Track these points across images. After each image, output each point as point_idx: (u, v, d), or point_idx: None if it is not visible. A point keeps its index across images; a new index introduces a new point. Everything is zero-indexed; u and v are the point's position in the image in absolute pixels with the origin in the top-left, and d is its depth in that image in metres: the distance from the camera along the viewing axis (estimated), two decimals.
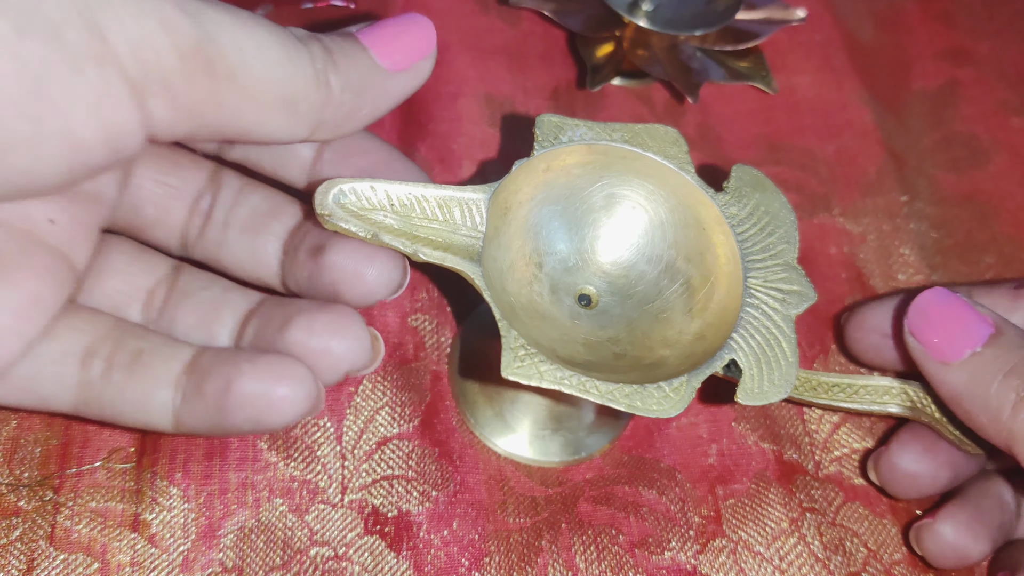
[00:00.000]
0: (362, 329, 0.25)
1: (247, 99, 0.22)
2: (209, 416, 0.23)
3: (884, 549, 0.30)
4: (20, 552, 0.27)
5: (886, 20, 0.44)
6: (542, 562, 0.28)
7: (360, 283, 0.25)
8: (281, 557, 0.28)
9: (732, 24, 0.39)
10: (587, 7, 0.40)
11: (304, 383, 0.23)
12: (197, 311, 0.26)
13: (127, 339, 0.24)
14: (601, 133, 0.28)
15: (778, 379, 0.25)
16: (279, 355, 0.24)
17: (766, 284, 0.26)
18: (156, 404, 0.24)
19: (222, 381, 0.23)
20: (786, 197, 0.28)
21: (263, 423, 0.23)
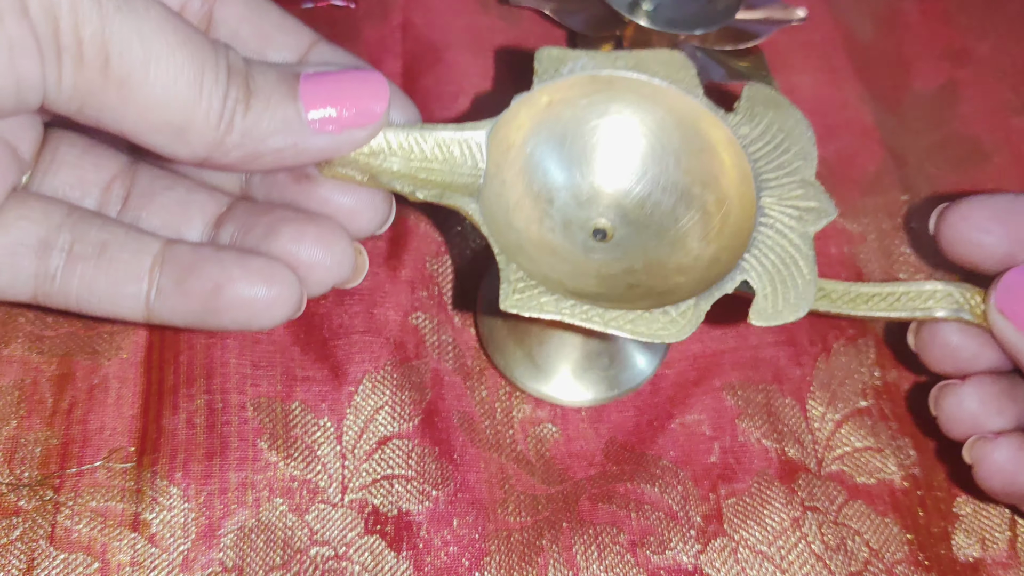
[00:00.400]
0: (349, 243, 0.25)
1: (132, 109, 0.21)
2: (193, 313, 0.24)
3: (886, 548, 0.30)
4: (20, 552, 0.26)
5: (886, 20, 0.44)
6: (543, 561, 0.28)
7: (349, 219, 0.25)
8: (281, 557, 0.27)
9: (732, 24, 0.39)
10: (587, 6, 0.40)
11: (293, 287, 0.24)
12: (163, 211, 0.26)
13: (87, 230, 0.24)
14: (604, 62, 0.27)
15: (794, 298, 0.24)
16: (266, 258, 0.24)
17: (781, 202, 0.26)
18: (126, 296, 0.24)
19: (210, 282, 0.23)
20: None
21: (251, 325, 0.24)
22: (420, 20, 0.40)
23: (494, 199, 0.26)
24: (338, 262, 0.25)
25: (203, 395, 0.30)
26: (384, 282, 0.33)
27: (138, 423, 0.29)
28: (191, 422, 0.29)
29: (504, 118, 0.26)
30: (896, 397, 0.33)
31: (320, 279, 0.25)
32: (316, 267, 0.25)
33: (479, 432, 0.31)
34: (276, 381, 0.30)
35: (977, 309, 0.28)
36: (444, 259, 0.34)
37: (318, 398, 0.30)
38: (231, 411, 0.30)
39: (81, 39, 0.20)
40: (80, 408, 0.29)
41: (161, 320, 0.24)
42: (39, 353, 0.30)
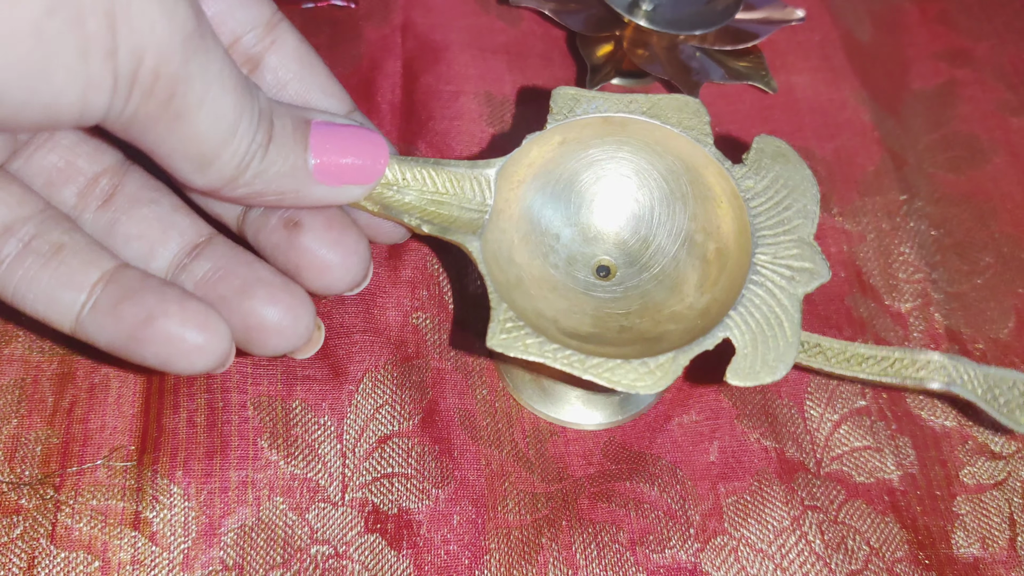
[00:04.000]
0: (312, 318, 0.26)
1: (174, 138, 0.22)
2: (118, 337, 0.24)
3: (886, 547, 0.30)
4: (21, 550, 0.26)
5: (884, 20, 0.44)
6: (543, 560, 0.28)
7: (325, 274, 0.26)
8: (281, 555, 0.27)
9: (731, 24, 0.39)
10: (587, 7, 0.40)
11: (223, 340, 0.24)
12: (143, 223, 0.26)
13: (52, 229, 0.24)
14: (618, 105, 0.27)
15: (773, 360, 0.24)
16: (205, 305, 0.24)
17: (775, 260, 0.26)
18: (62, 303, 0.24)
19: (144, 312, 0.23)
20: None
21: (169, 365, 0.24)
22: (420, 20, 0.40)
23: (498, 235, 0.26)
24: (299, 334, 0.25)
25: (204, 394, 0.30)
26: (384, 282, 0.33)
27: (139, 422, 0.29)
28: (192, 421, 0.29)
29: (514, 156, 0.26)
30: (895, 396, 0.33)
31: (276, 345, 0.25)
32: (277, 333, 0.25)
33: (479, 430, 0.31)
34: (276, 380, 0.30)
35: (969, 385, 0.27)
36: (445, 258, 0.34)
37: (319, 397, 0.30)
38: (232, 410, 0.30)
39: (158, 77, 0.20)
40: (81, 407, 0.29)
41: (84, 336, 0.24)
42: (40, 352, 0.30)
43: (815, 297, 0.35)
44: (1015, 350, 0.35)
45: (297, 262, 0.25)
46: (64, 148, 0.26)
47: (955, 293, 0.36)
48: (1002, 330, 0.35)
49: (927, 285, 0.36)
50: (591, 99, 0.27)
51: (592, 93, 0.28)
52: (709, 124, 0.27)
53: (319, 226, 0.25)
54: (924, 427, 0.33)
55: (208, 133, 0.22)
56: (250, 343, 0.25)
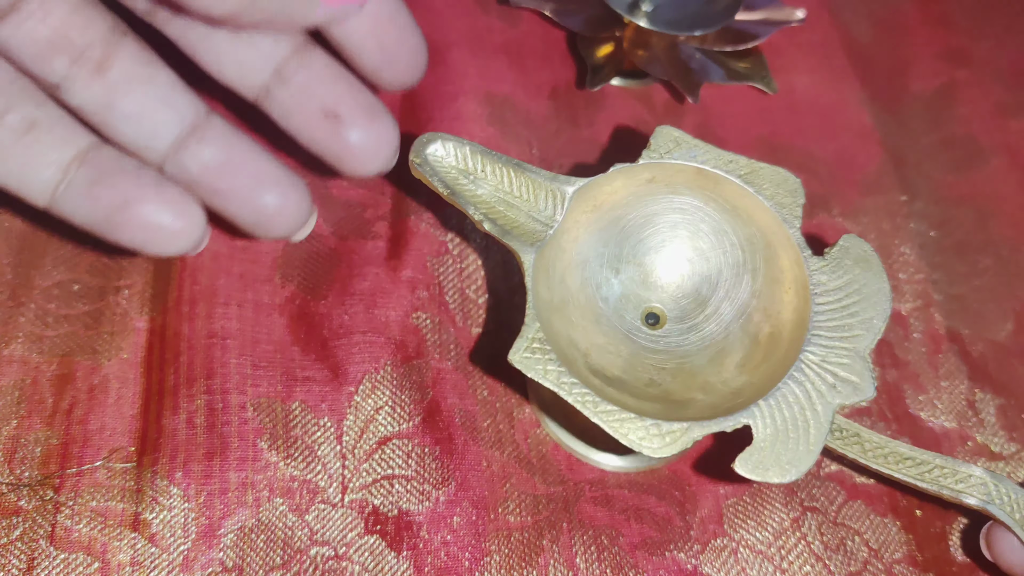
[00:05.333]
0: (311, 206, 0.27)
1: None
2: (94, 219, 0.24)
3: (885, 548, 0.30)
4: (20, 551, 0.26)
5: (884, 21, 0.44)
6: (543, 562, 0.28)
7: (367, 162, 0.27)
8: (281, 557, 0.27)
9: (731, 25, 0.39)
10: (587, 7, 0.40)
11: (198, 224, 0.25)
12: (141, 102, 0.26)
13: (25, 103, 0.24)
14: (718, 160, 0.27)
15: (787, 462, 0.23)
16: (180, 190, 0.25)
17: (823, 363, 0.25)
18: (37, 180, 0.24)
19: (120, 196, 0.24)
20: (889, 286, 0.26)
21: (145, 248, 0.25)
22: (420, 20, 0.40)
23: (557, 252, 0.26)
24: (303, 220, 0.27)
25: (203, 395, 0.30)
26: (384, 282, 0.33)
27: (138, 423, 0.29)
28: (191, 422, 0.29)
29: (597, 180, 0.26)
30: (894, 397, 0.33)
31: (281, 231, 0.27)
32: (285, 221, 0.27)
33: (480, 431, 0.31)
34: (276, 381, 0.30)
35: (1007, 507, 0.26)
36: (445, 259, 0.34)
37: (318, 398, 0.30)
38: (231, 411, 0.29)
39: None
40: (80, 408, 0.29)
41: (59, 213, 0.24)
42: (39, 353, 0.30)
43: None
44: (1014, 352, 0.35)
45: (338, 152, 0.27)
46: (57, 19, 0.25)
47: (955, 294, 0.36)
48: (1001, 332, 0.35)
49: (927, 286, 0.36)
50: (693, 146, 0.27)
51: (696, 141, 0.27)
52: (802, 208, 0.27)
53: (360, 117, 0.26)
54: (924, 427, 0.33)
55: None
56: (257, 229, 0.27)
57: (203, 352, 0.30)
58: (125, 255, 0.32)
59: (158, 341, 0.31)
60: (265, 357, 0.31)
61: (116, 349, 0.30)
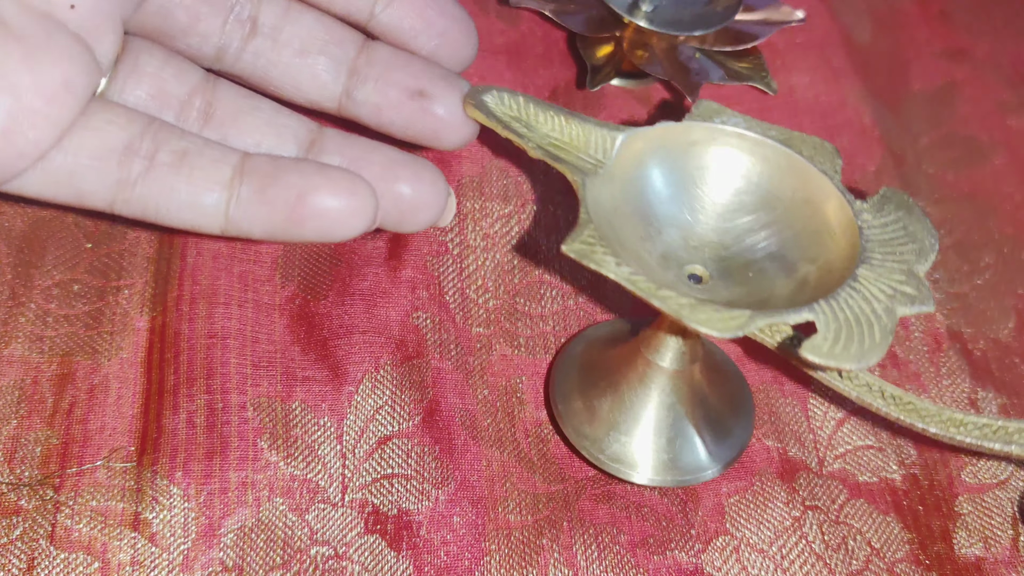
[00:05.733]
0: (447, 187, 0.28)
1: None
2: (274, 223, 0.25)
3: (887, 547, 0.30)
4: (20, 551, 0.26)
5: (884, 20, 0.44)
6: (543, 561, 0.28)
7: (460, 132, 0.28)
8: (281, 556, 0.27)
9: (731, 25, 0.39)
10: (587, 7, 0.40)
11: (370, 200, 0.25)
12: (253, 132, 0.27)
13: (168, 138, 0.25)
14: (757, 128, 0.28)
15: (855, 351, 0.22)
16: (345, 170, 0.25)
17: (879, 279, 0.25)
18: (206, 205, 0.24)
19: (292, 191, 0.24)
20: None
21: (330, 235, 0.25)
22: None
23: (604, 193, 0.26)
24: (442, 204, 0.28)
25: (203, 395, 0.30)
26: (384, 282, 0.33)
27: (138, 423, 0.29)
28: (191, 422, 0.29)
29: (645, 131, 0.27)
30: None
31: (425, 219, 0.27)
32: (426, 208, 0.27)
33: (480, 430, 0.31)
34: (276, 381, 0.30)
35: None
36: (445, 259, 0.34)
37: (318, 398, 0.30)
38: (231, 411, 0.29)
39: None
40: (80, 408, 0.29)
41: (239, 231, 0.25)
42: (39, 353, 0.30)
43: None
44: (1015, 350, 0.34)
45: (434, 127, 0.28)
46: (150, 76, 0.26)
47: (956, 293, 0.36)
48: (1002, 330, 0.35)
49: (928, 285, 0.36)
50: (731, 116, 0.28)
51: (732, 112, 0.28)
52: (840, 168, 0.27)
53: (444, 91, 0.27)
54: None
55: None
56: (402, 222, 0.27)
57: (203, 352, 0.30)
58: (125, 255, 0.32)
59: (158, 341, 0.31)
60: (265, 357, 0.31)
61: (116, 349, 0.30)
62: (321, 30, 0.28)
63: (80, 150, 0.24)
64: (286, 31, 0.28)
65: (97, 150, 0.24)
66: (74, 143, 0.24)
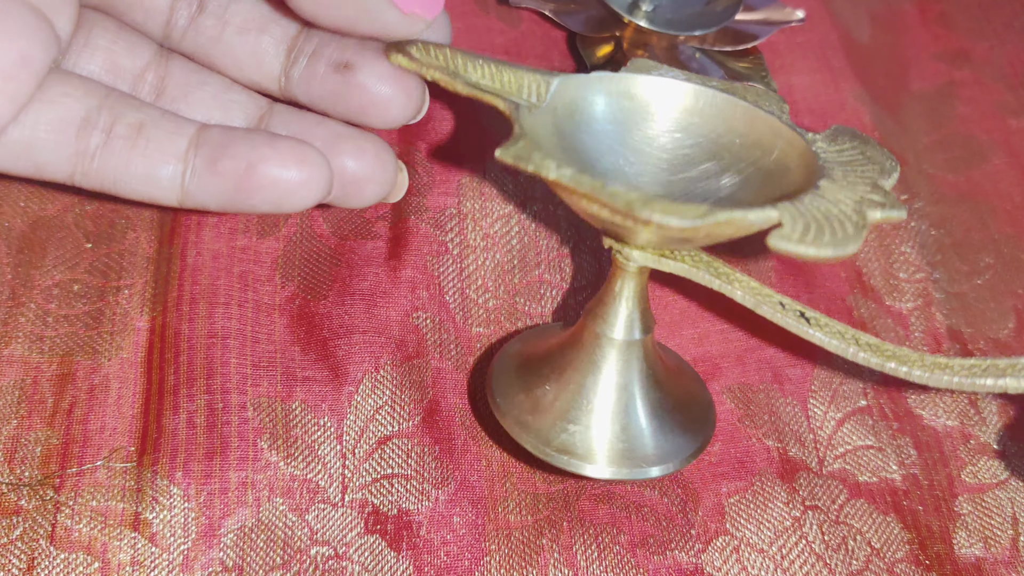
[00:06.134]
0: (395, 161, 0.27)
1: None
2: (225, 194, 0.24)
3: (887, 547, 0.30)
4: (20, 551, 0.26)
5: (884, 21, 0.44)
6: (543, 561, 0.28)
7: (389, 107, 0.26)
8: (281, 556, 0.27)
9: (731, 25, 0.39)
10: (587, 7, 0.40)
11: (323, 169, 0.25)
12: (201, 106, 0.27)
13: (125, 111, 0.24)
14: (694, 79, 0.27)
15: (829, 240, 0.21)
16: (295, 140, 0.25)
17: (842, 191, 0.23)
18: (162, 178, 0.24)
19: (242, 162, 0.24)
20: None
21: (281, 206, 0.25)
22: None
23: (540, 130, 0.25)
24: (389, 179, 0.27)
25: (203, 395, 0.30)
26: (384, 282, 0.33)
27: (138, 423, 0.29)
28: (191, 422, 0.29)
29: (580, 77, 0.26)
30: (896, 396, 0.33)
31: (371, 193, 0.27)
32: (371, 181, 0.26)
33: (480, 430, 0.31)
34: (276, 381, 0.30)
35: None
36: (445, 259, 0.34)
37: (318, 398, 0.30)
38: (231, 411, 0.29)
39: None
40: (80, 408, 0.29)
41: (195, 203, 0.25)
42: (39, 353, 0.30)
43: (815, 298, 0.35)
44: (1016, 350, 0.35)
45: (359, 101, 0.26)
46: (103, 50, 0.26)
47: (956, 293, 0.36)
48: (1002, 330, 0.35)
49: (928, 285, 0.36)
50: (668, 69, 0.27)
51: (669, 67, 0.27)
52: (787, 111, 0.27)
53: (370, 62, 0.26)
54: (925, 427, 0.33)
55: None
56: (346, 197, 0.26)
57: (203, 352, 0.30)
58: (125, 255, 0.32)
59: (158, 341, 0.31)
60: (265, 357, 0.31)
61: (116, 349, 0.30)
62: (265, 7, 0.27)
63: (37, 123, 0.24)
64: (230, 8, 0.27)
65: (54, 123, 0.24)
66: (31, 116, 0.24)
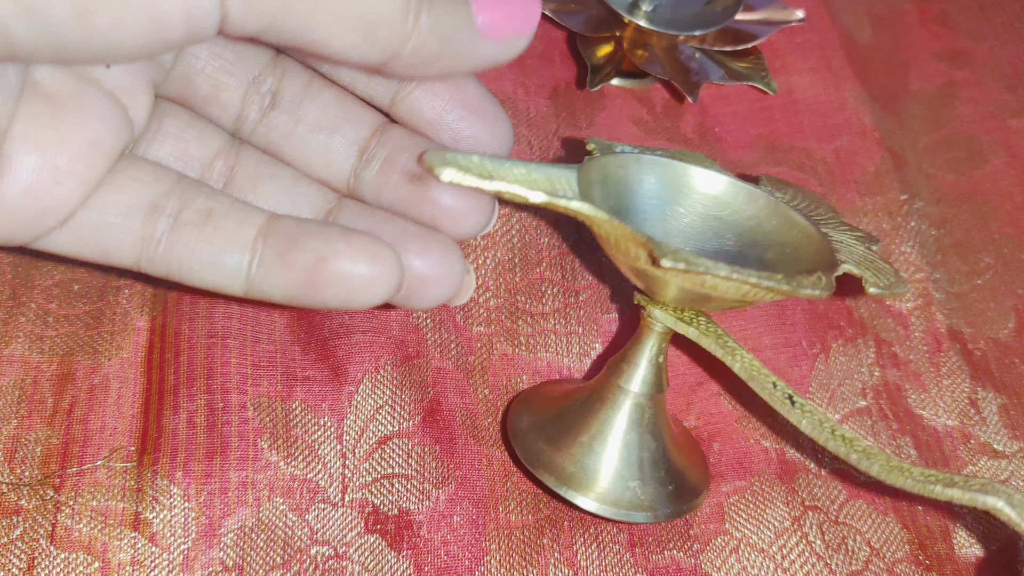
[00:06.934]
0: (463, 263, 0.26)
1: (322, 8, 0.21)
2: (293, 287, 0.24)
3: (887, 547, 0.30)
4: (21, 551, 0.26)
5: (884, 21, 0.44)
6: (543, 560, 0.28)
7: (459, 221, 0.26)
8: (281, 556, 0.27)
9: (731, 25, 0.39)
10: (587, 7, 0.40)
11: (394, 267, 0.24)
12: (270, 198, 0.26)
13: (195, 197, 0.24)
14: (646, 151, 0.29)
15: (893, 280, 0.26)
16: (369, 236, 0.24)
17: (838, 231, 0.28)
18: (228, 266, 0.24)
19: (312, 256, 0.23)
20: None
21: (350, 302, 0.24)
22: None
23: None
24: (456, 281, 0.26)
25: (204, 395, 0.30)
26: None
27: (139, 423, 0.29)
28: (192, 422, 0.29)
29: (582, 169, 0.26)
30: (896, 396, 0.33)
31: (436, 295, 0.26)
32: (436, 282, 0.25)
33: (481, 430, 0.31)
34: (277, 381, 0.30)
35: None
36: None
37: (319, 398, 0.30)
38: (232, 411, 0.29)
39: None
40: (81, 408, 0.29)
41: (260, 294, 0.24)
42: (39, 353, 0.30)
43: None
44: (1016, 350, 0.35)
45: (430, 213, 0.26)
46: (174, 137, 0.26)
47: (956, 293, 0.36)
48: (1002, 330, 0.35)
49: (928, 284, 0.36)
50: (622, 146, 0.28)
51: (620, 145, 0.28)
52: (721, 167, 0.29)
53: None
54: (926, 427, 0.33)
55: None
56: (410, 297, 0.25)
57: (203, 352, 0.30)
58: None
59: (158, 341, 0.31)
60: (265, 357, 0.31)
61: (116, 349, 0.30)
62: (339, 108, 0.27)
63: (105, 207, 0.24)
64: (303, 106, 0.27)
65: (123, 207, 0.24)
66: (100, 200, 0.24)
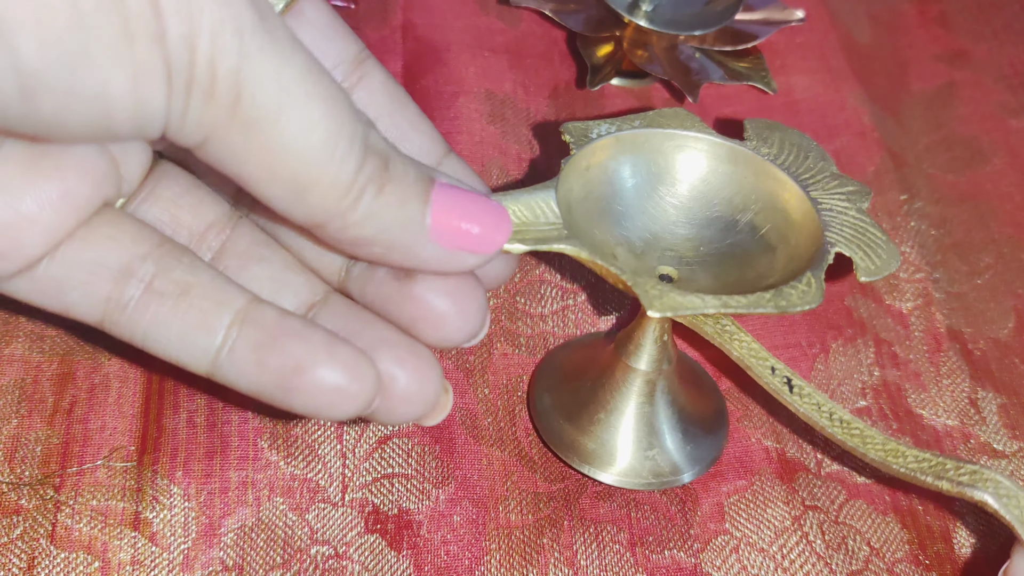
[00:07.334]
0: (440, 383, 0.24)
1: (256, 156, 0.20)
2: (263, 386, 0.23)
3: (887, 547, 0.30)
4: (21, 550, 0.26)
5: (883, 22, 0.44)
6: (543, 560, 0.28)
7: (442, 325, 0.24)
8: (281, 556, 0.27)
9: (731, 25, 0.39)
10: (587, 7, 0.40)
11: (372, 386, 0.22)
12: (254, 283, 0.24)
13: (173, 266, 0.23)
14: (623, 125, 0.28)
15: (885, 255, 0.26)
16: (353, 348, 0.23)
17: (827, 192, 0.28)
18: (197, 346, 0.23)
19: (292, 362, 0.22)
20: None
21: (320, 412, 0.23)
22: (420, 20, 0.40)
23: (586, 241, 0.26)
24: (427, 400, 0.24)
25: (204, 394, 0.30)
26: None
27: (139, 422, 0.29)
28: (192, 421, 0.29)
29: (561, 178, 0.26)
30: (895, 396, 0.33)
31: (403, 412, 0.24)
32: (404, 399, 0.23)
33: (481, 429, 0.31)
34: None
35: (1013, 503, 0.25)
36: None
37: None
38: (232, 410, 0.30)
39: (215, 74, 0.19)
40: (81, 407, 0.29)
41: (223, 379, 0.23)
42: (40, 352, 0.30)
43: None
44: (1016, 350, 0.35)
45: (412, 313, 0.24)
46: (167, 201, 0.25)
47: (956, 293, 0.36)
48: (1002, 330, 0.35)
49: (928, 284, 0.36)
50: (597, 125, 0.28)
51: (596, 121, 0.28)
52: (703, 124, 0.29)
53: (432, 277, 0.23)
54: (925, 426, 0.33)
55: (297, 148, 0.20)
56: (380, 411, 0.23)
57: None
58: None
59: None
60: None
61: (117, 348, 0.30)
62: None
63: (72, 262, 0.22)
64: None
65: (91, 265, 0.22)
66: (68, 253, 0.22)
